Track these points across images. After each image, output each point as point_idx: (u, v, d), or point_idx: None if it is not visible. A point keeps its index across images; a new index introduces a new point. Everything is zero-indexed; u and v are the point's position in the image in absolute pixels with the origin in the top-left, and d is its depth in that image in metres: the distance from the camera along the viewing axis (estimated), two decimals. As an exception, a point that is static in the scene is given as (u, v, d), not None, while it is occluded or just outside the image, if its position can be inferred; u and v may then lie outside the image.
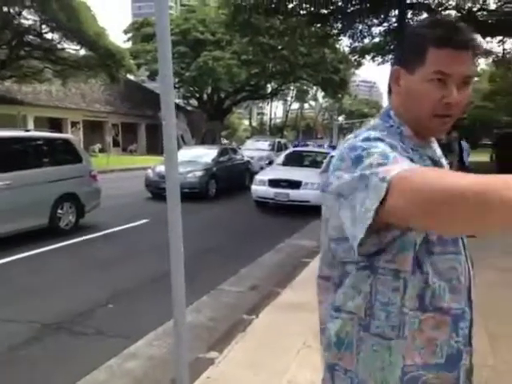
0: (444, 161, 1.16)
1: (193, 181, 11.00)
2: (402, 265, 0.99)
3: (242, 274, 5.56)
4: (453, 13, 15.84)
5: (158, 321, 3.89)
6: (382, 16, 15.78)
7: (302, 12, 15.03)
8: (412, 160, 0.98)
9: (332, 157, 1.04)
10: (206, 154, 12.55)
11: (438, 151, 1.16)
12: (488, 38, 16.56)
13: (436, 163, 1.09)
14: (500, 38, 16.39)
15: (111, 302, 4.44)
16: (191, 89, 33.87)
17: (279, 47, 23.44)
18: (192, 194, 10.61)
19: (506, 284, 4.57)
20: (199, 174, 11.34)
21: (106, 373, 3.14)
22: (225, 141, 36.03)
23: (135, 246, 6.79)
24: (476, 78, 31.74)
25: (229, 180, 12.57)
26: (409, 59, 1.04)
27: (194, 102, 37.22)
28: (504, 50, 18.80)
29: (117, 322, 3.99)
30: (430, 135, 1.10)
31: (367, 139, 0.98)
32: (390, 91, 1.11)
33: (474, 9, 15.81)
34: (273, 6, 14.13)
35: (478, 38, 1.04)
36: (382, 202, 0.84)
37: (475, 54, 1.03)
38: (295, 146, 19.77)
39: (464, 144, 14.15)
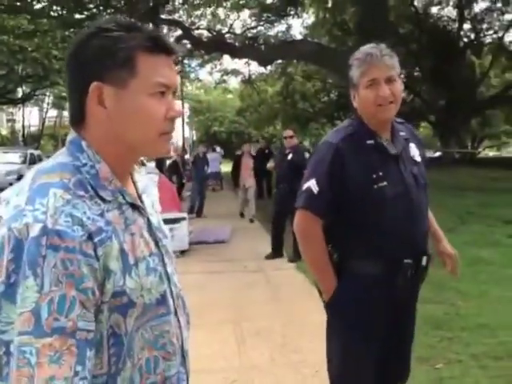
0: (146, 197, 1.00)
1: None
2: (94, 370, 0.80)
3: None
4: (205, 32, 17.08)
5: None
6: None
7: (52, 14, 13.95)
8: (107, 224, 0.82)
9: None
10: None
11: (141, 184, 1.01)
12: (236, 59, 18.41)
13: (136, 207, 0.92)
14: (245, 60, 18.36)
15: None
16: None
17: (30, 49, 21.28)
18: None
19: (253, 284, 5.06)
20: None
21: None
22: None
23: None
24: (230, 96, 35.00)
25: (-33, 199, 10.73)
26: (114, 70, 0.84)
27: None
28: (249, 71, 21.24)
29: None
30: (154, 157, 1.01)
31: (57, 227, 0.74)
32: (77, 119, 0.88)
33: (223, 31, 17.36)
34: (17, 3, 12.72)
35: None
36: None
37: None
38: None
39: (211, 155, 15.50)
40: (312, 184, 1.69)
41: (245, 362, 3.26)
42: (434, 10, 21.51)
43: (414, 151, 1.77)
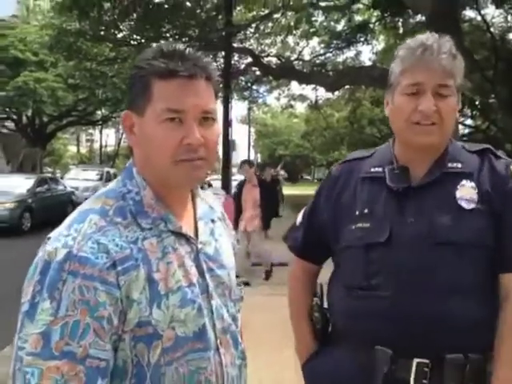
0: (204, 224, 0.95)
1: (1, 214, 9.95)
2: None
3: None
4: (274, 59, 17.44)
5: None
6: (211, 56, 16.55)
7: (132, 42, 14.90)
8: (138, 251, 0.81)
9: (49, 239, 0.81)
10: (21, 184, 11.40)
11: (201, 210, 0.96)
12: (303, 85, 18.57)
13: (179, 235, 0.88)
14: (313, 85, 18.49)
15: None
16: (7, 110, 30.50)
17: (110, 74, 22.76)
18: (0, 229, 9.71)
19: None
20: (10, 206, 10.27)
21: None
22: (48, 169, 33.18)
23: None
24: (295, 120, 35.21)
25: (48, 213, 11.55)
26: (136, 98, 0.85)
27: (10, 124, 33.54)
28: (316, 96, 21.35)
29: None
30: (179, 187, 0.89)
31: (70, 260, 0.75)
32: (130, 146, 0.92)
33: (292, 58, 17.64)
34: (101, 33, 13.72)
35: (211, 64, 0.88)
36: None
37: (213, 84, 0.88)
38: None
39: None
40: (300, 215, 1.36)
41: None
42: (512, 36, 20.64)
43: (466, 193, 1.11)
